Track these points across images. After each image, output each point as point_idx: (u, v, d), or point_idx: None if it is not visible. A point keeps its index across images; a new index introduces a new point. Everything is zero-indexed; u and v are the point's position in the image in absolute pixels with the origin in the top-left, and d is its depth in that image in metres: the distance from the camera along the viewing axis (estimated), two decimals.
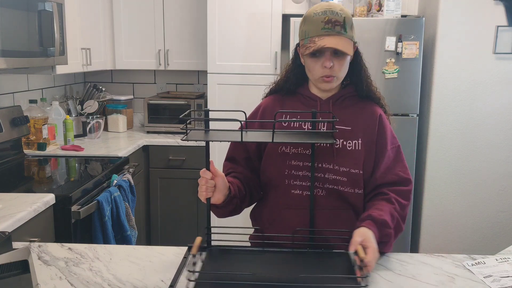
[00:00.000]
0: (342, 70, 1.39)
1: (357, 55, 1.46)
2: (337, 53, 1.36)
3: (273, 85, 1.56)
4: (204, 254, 1.32)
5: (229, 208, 1.42)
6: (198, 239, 1.24)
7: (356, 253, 1.22)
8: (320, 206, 1.41)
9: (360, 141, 1.42)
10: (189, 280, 1.11)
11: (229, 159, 1.54)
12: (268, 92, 1.58)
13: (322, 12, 1.35)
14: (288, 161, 1.42)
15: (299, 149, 1.42)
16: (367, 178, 1.43)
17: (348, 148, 1.41)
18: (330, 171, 1.40)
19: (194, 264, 1.16)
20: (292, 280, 1.11)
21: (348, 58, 1.40)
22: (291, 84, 1.50)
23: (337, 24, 1.33)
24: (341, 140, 1.41)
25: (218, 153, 3.15)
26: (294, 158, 1.42)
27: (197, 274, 1.16)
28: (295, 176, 1.42)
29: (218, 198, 1.34)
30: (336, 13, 1.34)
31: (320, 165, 1.40)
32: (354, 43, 1.41)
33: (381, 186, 1.44)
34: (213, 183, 1.32)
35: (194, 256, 1.15)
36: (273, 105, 1.51)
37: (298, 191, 1.42)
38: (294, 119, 1.46)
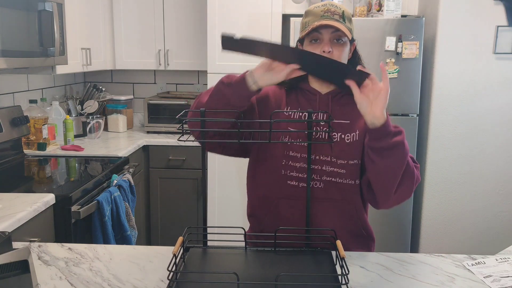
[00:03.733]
0: (341, 57, 1.40)
1: (355, 54, 1.49)
2: (336, 41, 1.39)
3: None
4: (187, 254, 1.31)
5: (245, 103, 1.36)
6: (180, 239, 1.24)
7: (336, 247, 1.22)
8: (317, 198, 1.41)
9: (357, 132, 1.43)
10: (169, 280, 1.11)
11: None
12: None
13: (322, 5, 1.41)
14: (286, 151, 1.43)
15: (298, 140, 1.43)
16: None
17: (347, 141, 1.42)
18: (328, 164, 1.41)
19: (176, 264, 1.15)
20: (273, 279, 1.11)
21: (347, 48, 1.42)
22: (291, 79, 1.51)
23: (336, 13, 1.39)
24: (339, 134, 1.42)
25: None
26: (292, 149, 1.43)
27: (178, 274, 1.16)
28: (292, 167, 1.43)
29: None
30: (335, 6, 1.41)
31: (317, 157, 1.41)
32: (353, 38, 1.44)
33: None
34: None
35: (175, 255, 1.15)
36: (279, 92, 1.53)
37: (294, 182, 1.43)
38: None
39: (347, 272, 1.08)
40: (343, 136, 1.42)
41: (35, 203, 1.83)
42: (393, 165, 1.28)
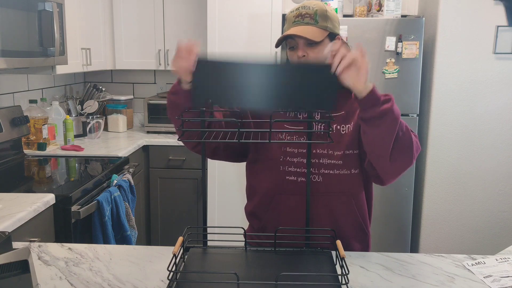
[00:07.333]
0: (318, 59, 1.41)
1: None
2: (311, 44, 1.40)
3: None
4: (187, 253, 1.31)
5: (184, 103, 1.33)
6: (180, 239, 1.24)
7: (336, 247, 1.22)
8: (317, 192, 1.42)
9: (352, 123, 1.44)
10: (169, 280, 1.11)
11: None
12: None
13: (296, 9, 1.44)
14: (283, 147, 1.45)
15: (294, 137, 1.45)
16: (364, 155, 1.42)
17: (342, 132, 1.44)
18: (325, 156, 1.43)
19: (176, 264, 1.15)
20: (273, 279, 1.11)
21: (325, 47, 1.42)
22: None
23: (307, 16, 1.40)
24: (334, 125, 1.43)
25: None
26: (289, 145, 1.44)
27: (178, 274, 1.16)
28: (289, 163, 1.44)
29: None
30: (308, 7, 1.41)
31: (314, 151, 1.42)
32: (333, 34, 1.43)
33: None
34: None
35: (175, 255, 1.15)
36: None
37: (293, 177, 1.44)
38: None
39: (347, 272, 1.08)
40: (338, 127, 1.44)
41: (35, 203, 1.83)
42: (384, 133, 1.28)
